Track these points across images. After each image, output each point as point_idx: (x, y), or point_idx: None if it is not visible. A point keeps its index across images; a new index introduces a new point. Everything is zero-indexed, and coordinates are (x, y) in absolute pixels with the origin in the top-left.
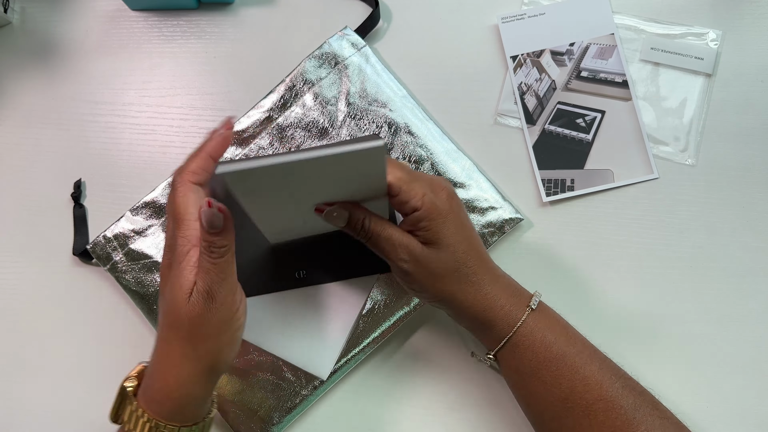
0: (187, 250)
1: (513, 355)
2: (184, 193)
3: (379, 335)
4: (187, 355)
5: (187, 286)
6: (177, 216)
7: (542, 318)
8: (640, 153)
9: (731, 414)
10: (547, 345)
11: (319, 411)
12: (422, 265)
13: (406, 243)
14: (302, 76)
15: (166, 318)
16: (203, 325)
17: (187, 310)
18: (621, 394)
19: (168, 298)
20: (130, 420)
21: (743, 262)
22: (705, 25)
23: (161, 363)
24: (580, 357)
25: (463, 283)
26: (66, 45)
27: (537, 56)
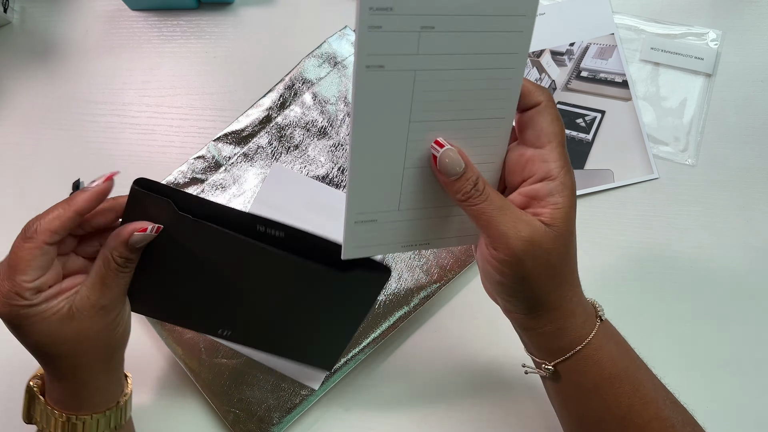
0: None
1: (577, 368)
2: (32, 255)
3: (379, 335)
4: (79, 364)
5: (52, 318)
6: (13, 265)
7: (609, 331)
8: (640, 153)
9: (731, 414)
10: (614, 360)
11: (319, 411)
12: (541, 250)
13: (528, 220)
14: (301, 75)
15: (38, 349)
16: (97, 332)
17: (72, 330)
18: (672, 412)
19: (35, 338)
20: (42, 419)
21: (743, 262)
22: (705, 25)
23: (53, 374)
24: (639, 374)
25: (563, 281)
26: (66, 45)
27: (537, 56)
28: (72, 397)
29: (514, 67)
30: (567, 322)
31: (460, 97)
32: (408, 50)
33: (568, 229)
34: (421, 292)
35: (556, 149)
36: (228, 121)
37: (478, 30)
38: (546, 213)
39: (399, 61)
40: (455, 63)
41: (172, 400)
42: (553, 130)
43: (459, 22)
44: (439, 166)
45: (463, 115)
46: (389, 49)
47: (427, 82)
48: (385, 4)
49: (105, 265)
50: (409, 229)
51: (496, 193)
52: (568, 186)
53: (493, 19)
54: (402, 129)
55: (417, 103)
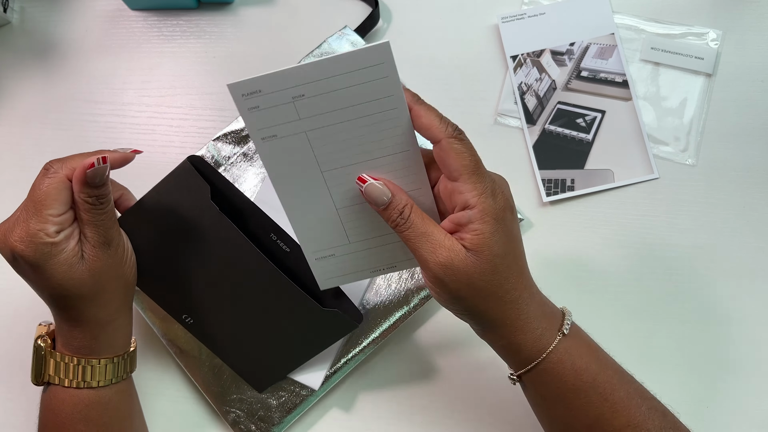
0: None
1: (539, 380)
2: (57, 189)
3: (378, 335)
4: (99, 303)
5: (69, 257)
6: (39, 201)
7: (573, 344)
8: (640, 153)
9: (731, 414)
10: (577, 373)
11: (319, 411)
12: (461, 273)
13: (449, 245)
14: None
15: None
16: (107, 268)
17: (87, 269)
18: (647, 417)
19: (56, 278)
20: (57, 372)
21: (743, 262)
22: (705, 25)
23: (74, 322)
24: (610, 383)
25: (500, 300)
26: (65, 45)
27: (537, 56)
28: (93, 339)
29: (395, 107)
30: (518, 338)
31: (358, 142)
32: (291, 118)
33: (490, 252)
34: (421, 292)
35: (468, 180)
36: (228, 120)
37: (346, 87)
38: (467, 238)
39: (287, 127)
40: (340, 117)
41: (172, 400)
42: (460, 164)
43: (324, 86)
44: (367, 199)
45: (369, 156)
46: (274, 121)
47: (320, 138)
48: (253, 89)
49: (83, 209)
50: (370, 256)
51: (422, 219)
52: (488, 212)
53: (354, 75)
54: (318, 179)
55: (321, 156)
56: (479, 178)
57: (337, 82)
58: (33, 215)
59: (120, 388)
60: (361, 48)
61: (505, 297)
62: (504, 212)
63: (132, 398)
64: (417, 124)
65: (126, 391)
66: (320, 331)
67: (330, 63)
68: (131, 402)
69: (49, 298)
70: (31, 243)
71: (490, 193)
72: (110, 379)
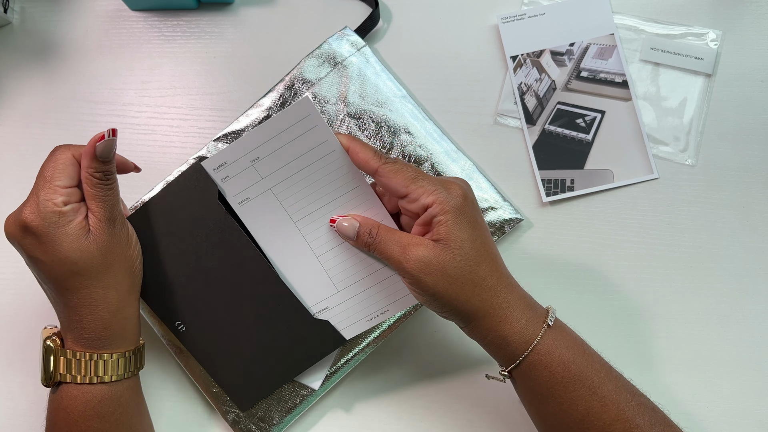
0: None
1: (528, 374)
2: (64, 163)
3: (378, 335)
4: (108, 284)
5: (76, 229)
6: (47, 177)
7: (559, 335)
8: (640, 153)
9: (731, 414)
10: (565, 365)
11: (319, 411)
12: (434, 265)
13: (417, 242)
14: (301, 75)
15: (70, 268)
16: (114, 246)
17: (94, 242)
18: (637, 413)
19: (65, 248)
20: (69, 369)
21: (743, 262)
22: (705, 25)
23: (84, 308)
24: (598, 377)
25: (477, 287)
26: (66, 45)
27: (537, 56)
28: (104, 329)
29: (332, 150)
30: (504, 329)
31: (316, 188)
32: (255, 179)
33: (457, 238)
34: None
35: (416, 186)
36: (228, 121)
37: (287, 142)
38: (435, 231)
39: (255, 188)
40: (293, 169)
41: (172, 400)
42: (401, 178)
43: (271, 146)
44: (341, 235)
45: (329, 199)
46: (243, 185)
47: (284, 191)
48: (219, 162)
49: (90, 184)
50: (361, 304)
51: (391, 232)
52: (446, 203)
53: (289, 131)
54: (293, 230)
55: (289, 208)
56: (424, 181)
57: (279, 140)
58: (42, 188)
59: (131, 384)
60: (286, 108)
61: (482, 284)
62: (463, 201)
63: (141, 395)
64: (355, 160)
65: (136, 387)
66: (309, 344)
67: (267, 126)
68: (141, 399)
69: (56, 280)
70: (39, 212)
71: (442, 188)
72: (122, 374)
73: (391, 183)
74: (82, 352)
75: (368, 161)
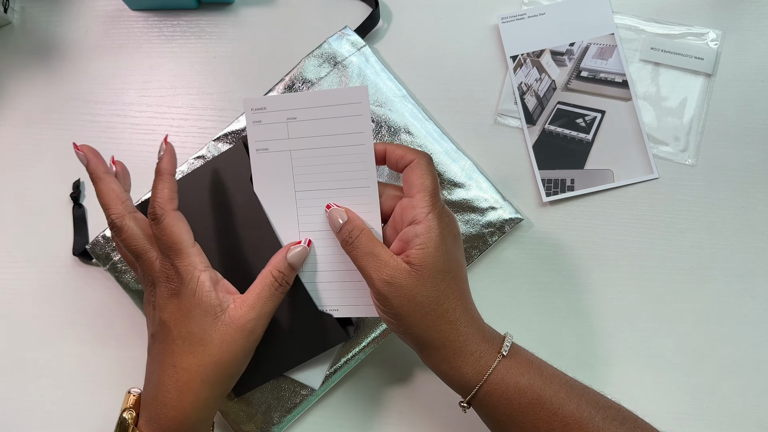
0: (197, 276)
1: (487, 403)
2: (174, 222)
3: (379, 335)
4: (209, 380)
5: (213, 309)
6: (174, 246)
7: (514, 363)
8: (640, 153)
9: (731, 414)
10: (521, 390)
11: (319, 411)
12: (403, 289)
13: (393, 264)
14: (302, 75)
15: (187, 344)
16: (232, 356)
17: (223, 333)
18: (602, 427)
19: (193, 324)
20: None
21: (743, 262)
22: (705, 25)
23: (177, 391)
24: (557, 398)
25: (439, 318)
26: (66, 45)
27: (537, 56)
28: (181, 423)
29: (363, 143)
30: (457, 361)
31: (329, 170)
32: (282, 136)
33: (432, 267)
34: None
35: (423, 198)
36: (228, 121)
37: (328, 117)
38: (412, 254)
39: (278, 144)
40: (319, 143)
41: None
42: (422, 182)
43: (313, 113)
44: (329, 221)
45: (335, 185)
46: (269, 136)
47: (300, 159)
48: (260, 105)
49: (265, 283)
50: (316, 292)
51: (371, 241)
52: (433, 228)
53: (336, 108)
54: (291, 197)
55: (297, 176)
56: (433, 199)
57: (322, 111)
58: (174, 255)
59: None
60: (343, 87)
61: (445, 316)
62: (448, 234)
63: None
64: (392, 157)
65: None
66: (311, 336)
67: (320, 94)
68: None
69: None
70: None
71: (438, 214)
72: None
73: (413, 178)
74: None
75: (407, 154)
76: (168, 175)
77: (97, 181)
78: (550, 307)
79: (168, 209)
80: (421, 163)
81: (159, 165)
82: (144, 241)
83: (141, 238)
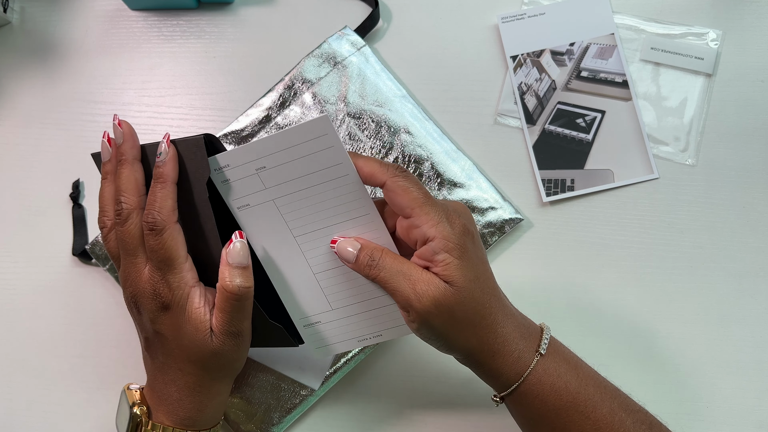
0: (187, 293)
1: (521, 401)
2: (174, 236)
3: None
4: (218, 378)
5: (203, 326)
6: (169, 260)
7: (552, 362)
8: (640, 153)
9: (731, 414)
10: (557, 392)
11: (318, 411)
12: (443, 308)
13: (427, 279)
14: (301, 75)
15: (185, 354)
16: (232, 360)
17: (214, 348)
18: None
19: (186, 339)
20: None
21: (743, 262)
22: (705, 25)
23: (189, 390)
24: (591, 401)
25: (476, 327)
26: (65, 45)
27: (537, 56)
28: (199, 412)
29: (346, 173)
30: (497, 363)
31: (322, 207)
32: (258, 188)
33: (464, 279)
34: None
35: (421, 213)
36: (228, 121)
37: (299, 157)
38: (440, 271)
39: (257, 197)
40: (300, 185)
41: None
42: (409, 198)
43: (281, 157)
44: (340, 257)
45: (334, 221)
46: (244, 191)
47: (287, 205)
48: (222, 164)
49: (226, 299)
50: (354, 325)
51: (395, 259)
52: (449, 239)
53: (303, 147)
54: (292, 244)
55: (291, 222)
56: (431, 208)
57: (290, 153)
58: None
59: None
60: (303, 122)
61: (482, 323)
62: (464, 237)
63: None
64: (361, 174)
65: None
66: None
67: (280, 137)
68: None
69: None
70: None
71: (446, 220)
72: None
73: (397, 200)
74: (172, 428)
75: (374, 174)
76: (171, 184)
77: (124, 163)
78: (550, 307)
79: (170, 222)
80: (396, 181)
81: (162, 170)
82: (140, 241)
83: (139, 238)
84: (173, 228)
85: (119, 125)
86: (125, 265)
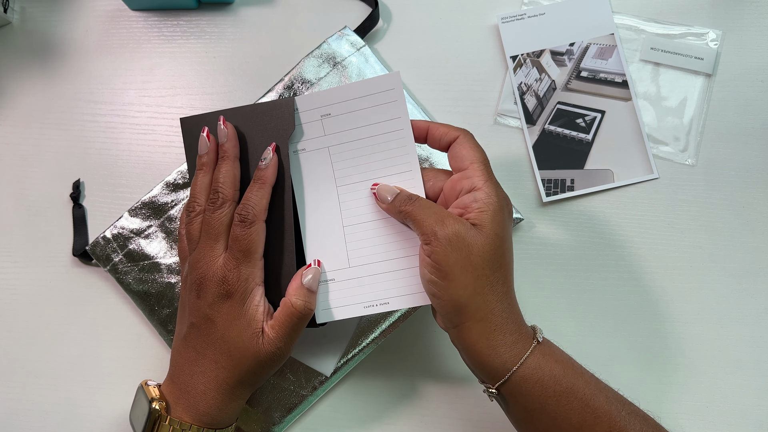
0: (252, 288)
1: (519, 389)
2: (260, 232)
3: (379, 335)
4: (245, 381)
5: (256, 324)
6: (249, 252)
7: (548, 351)
8: (640, 153)
9: (731, 414)
10: (556, 378)
11: (319, 411)
12: (464, 243)
13: (455, 217)
14: (301, 75)
15: (227, 347)
16: (265, 370)
17: (257, 350)
18: (628, 422)
19: (234, 331)
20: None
21: (743, 262)
22: (705, 25)
23: (216, 385)
24: (589, 389)
25: (487, 286)
26: (66, 45)
27: (537, 56)
28: (220, 410)
29: (401, 128)
30: (497, 339)
31: (370, 160)
32: (318, 134)
33: (493, 231)
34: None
35: (478, 168)
36: None
37: (363, 108)
38: (473, 216)
39: (315, 143)
40: (357, 135)
41: None
42: (473, 154)
43: (347, 106)
44: (378, 196)
45: (377, 175)
46: (305, 136)
47: (339, 153)
48: (295, 106)
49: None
50: (366, 287)
51: (428, 203)
52: (493, 195)
53: (369, 98)
54: (332, 192)
55: (337, 171)
56: (488, 169)
57: (356, 103)
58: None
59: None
60: (377, 76)
61: (494, 286)
62: (505, 205)
63: None
64: (435, 135)
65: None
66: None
67: (353, 87)
68: None
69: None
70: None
71: (495, 185)
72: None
73: (463, 153)
74: (189, 424)
75: (449, 131)
76: (269, 187)
77: (226, 159)
78: (550, 307)
79: (261, 218)
80: (469, 137)
81: (263, 173)
82: (225, 229)
83: (226, 225)
84: (261, 225)
85: (225, 126)
86: (203, 247)
